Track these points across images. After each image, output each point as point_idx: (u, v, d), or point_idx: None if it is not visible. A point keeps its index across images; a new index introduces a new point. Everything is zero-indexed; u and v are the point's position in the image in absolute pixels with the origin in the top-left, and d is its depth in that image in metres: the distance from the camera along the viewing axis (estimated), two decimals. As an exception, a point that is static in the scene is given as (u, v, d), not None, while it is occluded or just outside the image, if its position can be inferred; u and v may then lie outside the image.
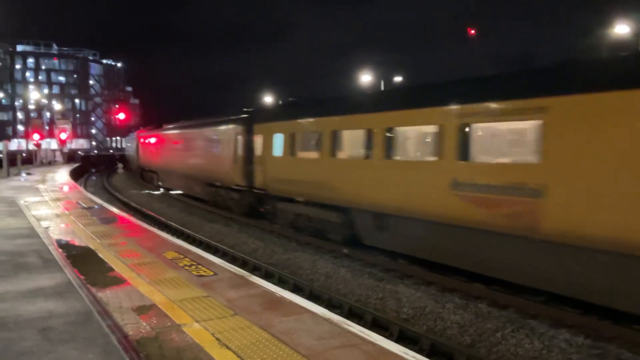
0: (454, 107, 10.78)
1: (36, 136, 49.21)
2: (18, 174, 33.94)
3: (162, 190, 33.36)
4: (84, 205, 17.74)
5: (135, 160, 45.40)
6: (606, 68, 8.73)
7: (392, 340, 6.37)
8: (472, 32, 34.41)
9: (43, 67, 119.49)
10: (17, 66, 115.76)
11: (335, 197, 14.26)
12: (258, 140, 18.82)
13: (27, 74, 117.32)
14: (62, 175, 34.12)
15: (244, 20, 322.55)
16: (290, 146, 16.52)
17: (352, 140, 14.35)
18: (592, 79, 8.59)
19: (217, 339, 5.57)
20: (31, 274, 8.22)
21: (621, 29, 25.40)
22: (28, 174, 34.21)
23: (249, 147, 19.52)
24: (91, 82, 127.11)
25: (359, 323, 8.10)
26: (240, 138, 20.15)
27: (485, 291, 10.43)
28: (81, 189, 26.62)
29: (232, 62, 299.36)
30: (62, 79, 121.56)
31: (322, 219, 15.31)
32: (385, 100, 14.04)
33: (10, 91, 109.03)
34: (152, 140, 38.00)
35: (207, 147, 24.59)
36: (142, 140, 42.41)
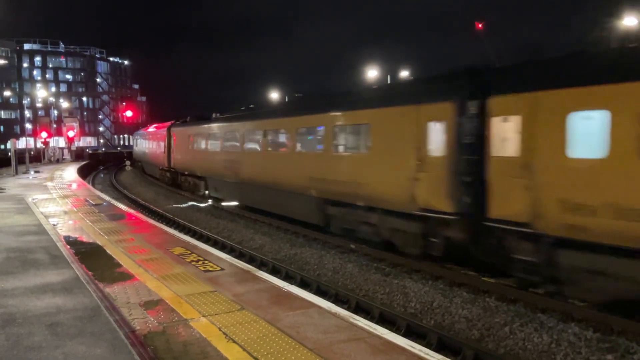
0: None
1: (44, 134, 49.66)
2: (26, 171, 34.18)
3: (210, 201, 25.63)
4: (91, 202, 17.83)
5: (162, 161, 35.84)
6: None
7: (399, 334, 6.36)
8: (480, 26, 34.14)
9: (50, 66, 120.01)
10: (25, 65, 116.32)
11: None
12: (500, 127, 10.21)
13: (34, 72, 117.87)
14: (70, 172, 34.31)
15: (249, 17, 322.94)
16: None
17: None
18: None
19: (224, 333, 5.58)
20: (39, 270, 8.28)
21: (629, 20, 25.21)
22: (36, 171, 34.44)
23: (461, 141, 10.86)
24: (98, 80, 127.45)
25: (366, 318, 8.11)
26: (435, 124, 11.52)
27: (493, 285, 10.37)
28: (89, 186, 26.76)
29: (239, 59, 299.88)
30: (69, 77, 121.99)
31: None
32: None
33: (17, 90, 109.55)
34: (196, 136, 28.85)
35: (330, 143, 15.59)
36: (176, 136, 32.96)
